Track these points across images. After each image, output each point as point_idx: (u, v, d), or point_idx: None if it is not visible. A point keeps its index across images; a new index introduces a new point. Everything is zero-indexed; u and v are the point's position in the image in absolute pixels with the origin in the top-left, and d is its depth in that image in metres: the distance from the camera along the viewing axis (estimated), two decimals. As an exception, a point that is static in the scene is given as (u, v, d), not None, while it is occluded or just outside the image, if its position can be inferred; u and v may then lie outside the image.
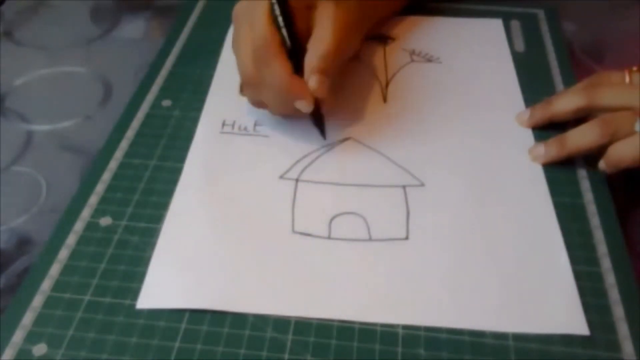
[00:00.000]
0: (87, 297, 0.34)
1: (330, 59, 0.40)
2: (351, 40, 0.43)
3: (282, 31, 0.40)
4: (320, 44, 0.40)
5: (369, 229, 0.38)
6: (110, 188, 0.40)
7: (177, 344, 0.32)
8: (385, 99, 0.47)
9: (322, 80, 0.40)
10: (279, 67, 0.39)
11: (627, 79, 0.41)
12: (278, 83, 0.39)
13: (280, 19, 0.40)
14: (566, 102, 0.42)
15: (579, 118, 0.42)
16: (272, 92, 0.40)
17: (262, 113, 0.45)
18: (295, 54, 0.40)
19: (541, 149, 0.42)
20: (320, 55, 0.40)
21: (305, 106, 0.40)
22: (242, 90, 0.43)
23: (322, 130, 0.43)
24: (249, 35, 0.40)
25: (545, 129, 0.43)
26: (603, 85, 0.41)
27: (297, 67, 0.40)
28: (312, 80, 0.40)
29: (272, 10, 0.40)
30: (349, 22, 0.42)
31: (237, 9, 0.42)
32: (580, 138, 0.40)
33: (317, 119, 0.42)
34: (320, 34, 0.41)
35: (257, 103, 0.43)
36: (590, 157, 0.41)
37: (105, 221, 0.38)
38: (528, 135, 0.43)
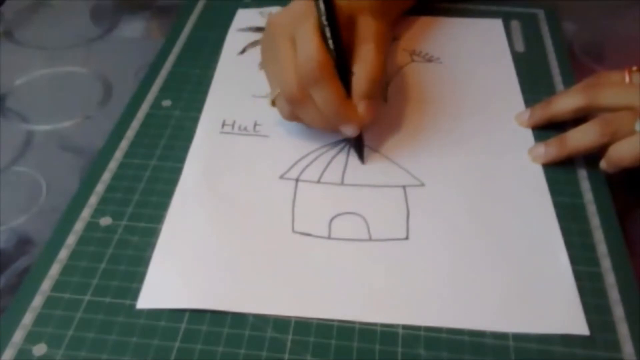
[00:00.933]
0: (87, 297, 0.34)
1: (378, 82, 0.40)
2: (388, 46, 0.43)
3: (331, 49, 0.39)
4: (368, 67, 0.39)
5: (369, 229, 0.38)
6: (110, 188, 0.40)
7: (177, 344, 0.32)
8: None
9: (372, 105, 0.40)
10: (333, 92, 0.38)
11: (627, 79, 0.41)
12: (329, 107, 0.39)
13: (329, 37, 0.39)
14: (566, 102, 0.42)
15: (578, 118, 0.42)
16: (319, 113, 0.39)
17: (262, 113, 0.45)
18: (345, 73, 0.40)
19: (541, 149, 0.41)
20: (370, 79, 0.39)
21: (352, 131, 0.40)
22: (276, 103, 0.42)
23: (360, 154, 0.42)
24: (292, 52, 0.39)
25: (545, 129, 0.43)
26: (603, 85, 0.41)
27: (345, 86, 0.40)
28: (362, 105, 0.39)
29: (321, 27, 0.39)
30: (387, 38, 0.42)
31: (276, 21, 0.41)
32: (581, 138, 0.40)
33: (358, 142, 0.41)
34: (366, 56, 0.40)
35: (293, 117, 0.42)
36: (590, 157, 0.41)
37: (105, 221, 0.38)
38: (528, 136, 0.44)
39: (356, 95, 0.39)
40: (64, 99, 0.49)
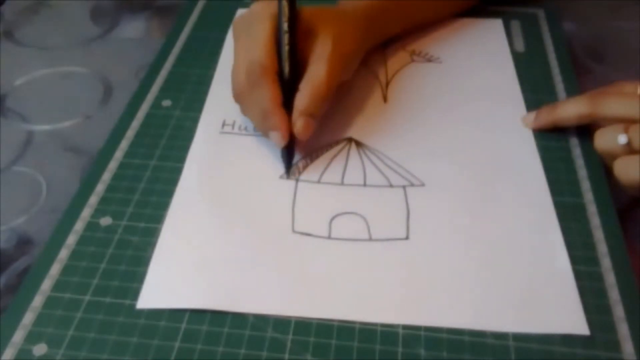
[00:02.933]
0: (87, 297, 0.34)
1: (321, 102, 0.40)
2: (346, 71, 0.43)
3: (284, 52, 0.40)
4: (312, 86, 0.39)
5: (369, 229, 0.38)
6: (110, 188, 0.40)
7: (177, 344, 0.32)
8: (385, 99, 0.47)
9: (309, 123, 0.40)
10: (267, 94, 0.39)
11: (639, 91, 0.40)
12: (261, 109, 0.40)
13: (286, 43, 0.40)
14: (570, 108, 0.42)
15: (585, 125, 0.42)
16: (255, 112, 0.41)
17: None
18: (293, 82, 0.40)
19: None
20: (312, 98, 0.39)
21: (278, 139, 0.40)
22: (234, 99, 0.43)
23: (287, 167, 0.41)
24: (245, 51, 0.40)
25: (547, 133, 0.43)
26: (611, 94, 0.41)
27: (290, 89, 0.40)
28: (299, 122, 0.40)
29: (278, 26, 0.40)
30: (347, 58, 0.42)
31: (236, 21, 0.43)
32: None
33: (288, 154, 0.41)
34: (314, 75, 0.40)
35: (243, 113, 0.43)
36: (591, 158, 0.41)
37: (105, 221, 0.38)
38: (528, 136, 0.44)
39: (296, 110, 0.40)
40: (64, 99, 0.49)
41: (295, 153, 0.42)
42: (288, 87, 0.40)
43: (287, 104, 0.40)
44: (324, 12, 0.43)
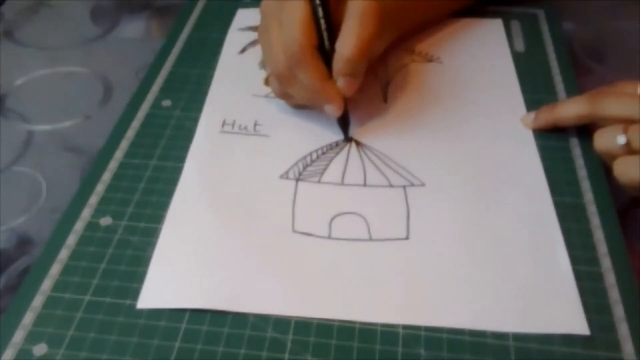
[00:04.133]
0: (87, 297, 0.34)
1: (357, 62, 0.39)
2: (380, 38, 0.42)
3: (322, 26, 0.40)
4: (347, 46, 0.39)
5: (369, 229, 0.38)
6: (110, 188, 0.40)
7: (177, 344, 0.32)
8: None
9: (350, 81, 0.40)
10: (313, 72, 0.39)
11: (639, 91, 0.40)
12: (310, 86, 0.40)
13: (322, 16, 0.40)
14: (570, 108, 0.42)
15: (584, 125, 0.42)
16: (303, 91, 0.41)
17: (263, 113, 0.45)
18: (331, 48, 0.40)
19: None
20: (347, 59, 0.39)
21: (334, 111, 0.41)
22: (269, 83, 0.44)
23: (345, 131, 0.43)
24: (279, 33, 0.40)
25: (547, 133, 0.43)
26: (610, 94, 0.41)
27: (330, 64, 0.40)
28: (340, 82, 0.40)
29: (312, 6, 0.40)
30: (378, 20, 0.41)
31: (266, 4, 0.43)
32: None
33: (343, 120, 0.43)
34: (347, 34, 0.39)
35: (284, 95, 0.43)
36: (591, 159, 0.41)
37: (105, 221, 0.38)
38: (528, 136, 0.43)
39: (335, 72, 0.40)
40: (64, 99, 0.49)
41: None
42: (331, 58, 0.40)
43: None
44: None
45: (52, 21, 0.58)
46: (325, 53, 0.40)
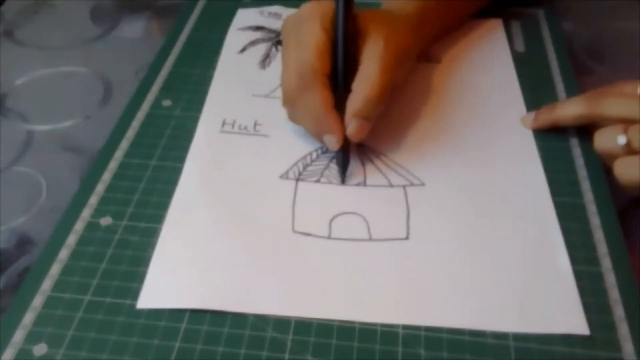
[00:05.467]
0: (87, 297, 0.34)
1: (375, 104, 0.39)
2: (400, 71, 0.41)
3: (340, 53, 0.39)
4: (366, 88, 0.38)
5: (369, 229, 0.38)
6: (110, 188, 0.40)
7: (177, 344, 0.32)
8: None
9: (362, 125, 0.39)
10: (318, 98, 0.38)
11: (639, 91, 0.40)
12: (313, 112, 0.39)
13: (340, 39, 0.39)
14: (569, 109, 0.42)
15: (583, 125, 0.42)
16: (306, 117, 0.40)
17: (262, 112, 0.46)
18: (345, 84, 0.39)
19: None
20: (365, 100, 0.38)
21: (332, 143, 0.39)
22: (283, 103, 0.43)
23: (343, 171, 0.40)
24: (295, 54, 0.39)
25: (547, 133, 0.43)
26: (610, 94, 0.40)
27: (344, 91, 0.39)
28: (352, 124, 0.39)
29: (333, 26, 0.39)
30: (400, 57, 0.40)
31: (286, 22, 0.42)
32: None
33: (343, 158, 0.40)
34: (367, 75, 0.39)
35: (292, 119, 0.42)
36: (591, 159, 0.41)
37: (106, 221, 0.38)
38: (528, 136, 0.43)
39: (348, 112, 0.39)
40: (64, 99, 0.49)
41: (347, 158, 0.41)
42: (342, 90, 0.39)
43: (340, 106, 0.39)
44: (375, 14, 0.42)
45: (52, 21, 0.58)
46: (335, 85, 0.39)
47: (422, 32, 0.45)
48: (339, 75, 0.40)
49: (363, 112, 0.39)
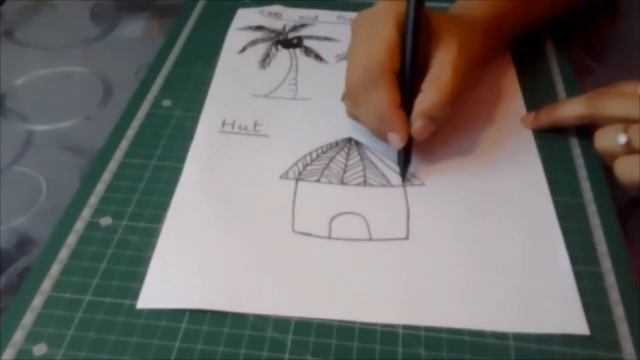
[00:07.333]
0: (87, 297, 0.34)
1: (444, 107, 0.38)
2: (470, 77, 0.41)
3: (408, 51, 0.39)
4: (437, 90, 0.38)
5: (369, 228, 0.38)
6: (110, 188, 0.40)
7: (177, 344, 0.32)
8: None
9: (427, 125, 0.39)
10: (385, 96, 0.38)
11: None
12: (379, 109, 0.38)
13: (410, 42, 0.39)
14: (569, 109, 0.42)
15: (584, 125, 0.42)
16: (371, 114, 0.39)
17: (262, 112, 0.46)
18: (411, 78, 0.39)
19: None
20: (435, 102, 0.38)
21: (396, 142, 0.39)
22: (344, 98, 0.42)
23: (404, 170, 0.40)
24: (364, 50, 0.39)
25: (547, 132, 0.43)
26: (610, 94, 0.40)
27: (410, 91, 0.39)
28: (417, 123, 0.38)
29: (404, 26, 0.39)
30: (471, 64, 0.40)
31: (357, 19, 0.41)
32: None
33: (405, 157, 0.40)
34: (439, 77, 0.38)
35: (353, 116, 0.42)
36: (591, 159, 0.41)
37: (106, 221, 0.38)
38: (528, 136, 0.44)
39: (416, 111, 0.38)
40: (64, 99, 0.49)
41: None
42: (408, 89, 0.39)
43: (405, 106, 0.39)
44: (449, 18, 0.42)
45: (52, 21, 0.58)
46: (402, 84, 0.39)
47: (492, 37, 0.44)
48: (407, 75, 0.39)
49: (431, 113, 0.38)
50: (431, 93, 0.38)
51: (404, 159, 0.40)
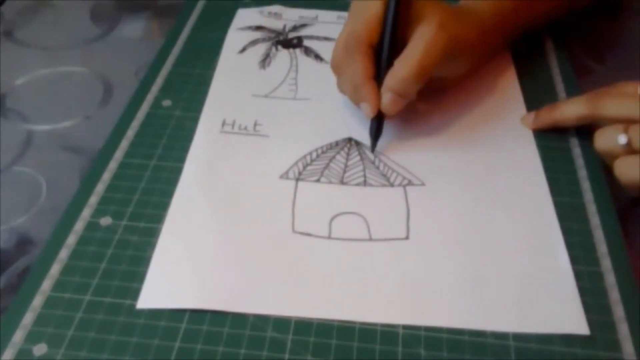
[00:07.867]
0: (87, 297, 0.34)
1: (409, 84, 0.39)
2: (447, 63, 0.41)
3: (388, 25, 0.40)
4: (404, 66, 0.39)
5: (369, 228, 0.38)
6: (110, 188, 0.40)
7: (177, 344, 0.32)
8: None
9: (395, 100, 0.40)
10: (359, 66, 0.40)
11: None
12: (353, 79, 0.41)
13: (390, 21, 0.40)
14: (570, 109, 0.42)
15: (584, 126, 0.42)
16: (348, 83, 0.42)
17: (262, 113, 0.46)
18: (388, 53, 0.41)
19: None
20: (401, 78, 0.39)
21: (367, 111, 0.41)
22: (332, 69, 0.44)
23: (374, 141, 0.42)
24: (349, 25, 0.41)
25: (548, 132, 0.43)
26: (610, 95, 0.40)
27: (387, 66, 0.40)
28: (385, 97, 0.40)
29: (387, 3, 0.40)
30: (452, 46, 0.40)
31: (353, 4, 0.43)
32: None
33: (376, 129, 0.42)
34: (410, 55, 0.39)
35: (339, 87, 0.44)
36: (591, 159, 0.41)
37: (106, 221, 0.38)
38: (528, 136, 0.44)
39: (384, 86, 0.40)
40: (64, 99, 0.49)
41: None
42: (385, 64, 0.41)
43: (381, 79, 0.41)
44: (439, 5, 0.42)
45: (52, 21, 0.58)
46: (379, 58, 0.41)
47: (490, 32, 0.45)
48: (385, 49, 0.41)
49: (397, 88, 0.40)
50: (400, 68, 0.40)
51: (376, 130, 0.42)
